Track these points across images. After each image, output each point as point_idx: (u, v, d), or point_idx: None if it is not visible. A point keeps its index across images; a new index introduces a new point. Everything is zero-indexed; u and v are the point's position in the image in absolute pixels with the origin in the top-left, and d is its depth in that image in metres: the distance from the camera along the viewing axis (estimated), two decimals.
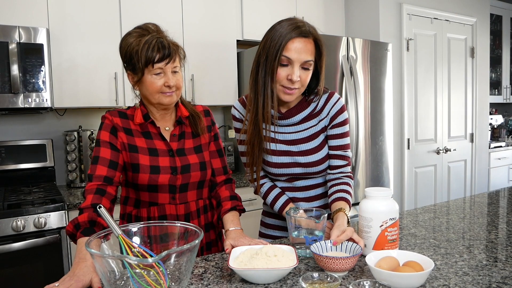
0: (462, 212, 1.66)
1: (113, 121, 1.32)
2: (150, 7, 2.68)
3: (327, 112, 1.40)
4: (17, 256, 2.03)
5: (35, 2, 2.36)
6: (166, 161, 1.33)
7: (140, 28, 1.30)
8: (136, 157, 1.30)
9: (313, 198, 1.44)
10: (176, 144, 1.37)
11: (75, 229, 1.15)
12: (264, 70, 1.28)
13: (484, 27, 4.12)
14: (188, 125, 1.41)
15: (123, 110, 1.36)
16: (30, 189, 2.51)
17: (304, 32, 1.25)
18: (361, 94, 2.93)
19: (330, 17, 3.53)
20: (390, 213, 1.12)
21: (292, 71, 1.26)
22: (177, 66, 1.30)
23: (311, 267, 1.09)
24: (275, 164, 1.39)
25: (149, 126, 1.35)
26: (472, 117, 4.11)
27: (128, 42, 1.27)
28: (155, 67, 1.25)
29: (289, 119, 1.39)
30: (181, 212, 1.36)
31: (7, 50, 2.20)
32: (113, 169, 1.28)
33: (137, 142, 1.32)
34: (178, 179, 1.33)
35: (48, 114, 2.79)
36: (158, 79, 1.27)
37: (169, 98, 1.30)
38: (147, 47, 1.23)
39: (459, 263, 1.09)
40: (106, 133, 1.31)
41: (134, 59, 1.25)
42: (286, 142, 1.39)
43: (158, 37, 1.27)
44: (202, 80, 2.90)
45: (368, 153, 3.02)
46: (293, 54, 1.24)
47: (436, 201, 3.84)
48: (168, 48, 1.26)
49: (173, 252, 0.84)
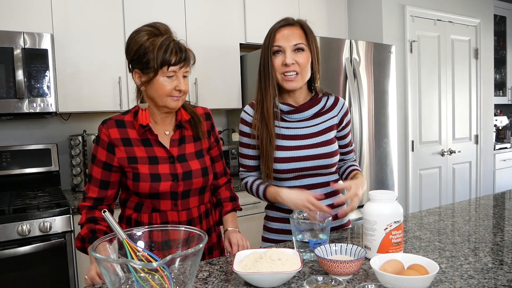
0: (467, 214, 1.65)
1: (110, 136, 1.30)
2: (154, 12, 2.70)
3: (337, 111, 1.50)
4: (22, 260, 2.04)
5: (39, 8, 2.38)
6: (166, 168, 1.31)
7: (150, 26, 1.29)
8: (136, 167, 1.29)
9: (326, 196, 1.46)
10: (176, 149, 1.35)
11: (82, 242, 1.28)
12: (263, 65, 1.40)
13: (488, 28, 4.11)
14: (188, 128, 1.39)
15: (120, 117, 1.34)
16: (35, 193, 2.52)
17: (290, 21, 1.40)
18: (365, 97, 2.92)
19: (333, 20, 3.53)
20: (394, 216, 1.12)
21: (285, 56, 1.36)
22: (188, 71, 1.30)
23: (315, 271, 1.09)
24: (283, 159, 1.41)
25: (148, 132, 1.33)
26: (476, 119, 4.09)
27: (140, 41, 1.25)
28: (169, 69, 1.24)
29: (302, 113, 1.44)
30: (184, 219, 1.34)
31: (12, 55, 2.22)
32: (104, 189, 1.33)
33: (136, 152, 1.30)
34: (179, 185, 1.32)
35: (53, 119, 2.81)
36: (169, 82, 1.26)
37: (176, 103, 1.30)
38: (165, 49, 1.23)
39: (465, 266, 1.08)
40: (103, 151, 1.30)
41: (147, 58, 1.24)
42: (296, 136, 1.43)
43: (174, 39, 1.28)
44: (206, 84, 2.91)
45: (372, 156, 3.01)
46: (281, 42, 1.36)
47: (441, 203, 3.82)
48: (185, 52, 1.27)
49: (178, 256, 0.84)
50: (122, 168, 1.31)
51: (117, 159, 1.30)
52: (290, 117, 1.45)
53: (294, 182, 1.44)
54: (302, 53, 1.36)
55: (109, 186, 1.33)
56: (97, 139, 1.32)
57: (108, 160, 1.30)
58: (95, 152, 1.32)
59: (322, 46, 2.74)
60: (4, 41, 2.20)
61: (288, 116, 1.45)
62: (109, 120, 1.32)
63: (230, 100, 3.04)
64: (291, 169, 1.41)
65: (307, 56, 1.37)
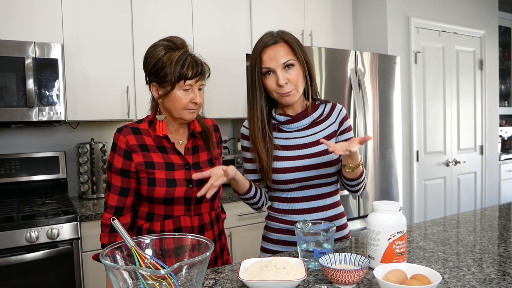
0: (471, 225, 1.66)
1: (128, 142, 1.32)
2: (161, 23, 2.75)
3: (335, 118, 1.47)
4: (30, 266, 2.06)
5: (50, 19, 2.44)
6: (182, 174, 1.35)
7: (167, 41, 1.32)
8: (152, 172, 1.32)
9: (325, 208, 1.45)
10: (191, 157, 1.40)
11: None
12: (251, 86, 1.40)
13: (492, 39, 4.13)
14: (199, 138, 1.44)
15: (135, 125, 1.37)
16: (43, 200, 2.55)
17: (272, 39, 1.35)
18: (370, 107, 2.94)
19: (338, 31, 3.56)
20: (397, 226, 1.13)
21: (277, 77, 1.34)
22: (203, 84, 1.35)
23: (319, 280, 1.11)
24: (282, 170, 1.40)
25: (164, 140, 1.37)
26: (481, 129, 4.10)
27: (157, 55, 1.29)
28: (186, 83, 1.28)
29: (299, 122, 1.43)
30: (196, 224, 1.38)
31: (23, 65, 2.26)
32: (124, 196, 1.34)
33: (154, 158, 1.34)
34: (194, 191, 1.35)
35: (61, 127, 2.85)
36: (185, 95, 1.30)
37: (192, 115, 1.34)
38: (182, 63, 1.27)
39: (467, 277, 1.09)
40: (119, 158, 1.32)
41: (164, 72, 1.27)
42: (295, 146, 1.43)
43: (191, 54, 1.32)
44: (212, 93, 2.94)
45: (377, 166, 3.02)
46: (269, 63, 1.34)
47: (446, 213, 3.81)
48: (201, 66, 1.32)
49: (185, 264, 0.86)
50: (137, 173, 1.34)
51: (135, 164, 1.32)
52: (288, 127, 1.45)
53: (296, 193, 1.44)
54: (292, 68, 1.35)
55: (129, 193, 1.35)
56: (114, 146, 1.34)
57: (125, 167, 1.32)
58: (112, 159, 1.34)
59: (327, 57, 2.77)
60: (15, 51, 2.25)
61: (286, 126, 1.45)
62: (125, 128, 1.35)
63: (236, 109, 3.07)
64: (292, 179, 1.41)
65: (298, 69, 1.36)
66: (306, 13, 3.35)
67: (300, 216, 1.43)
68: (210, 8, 2.94)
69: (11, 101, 2.25)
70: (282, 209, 1.47)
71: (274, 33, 1.37)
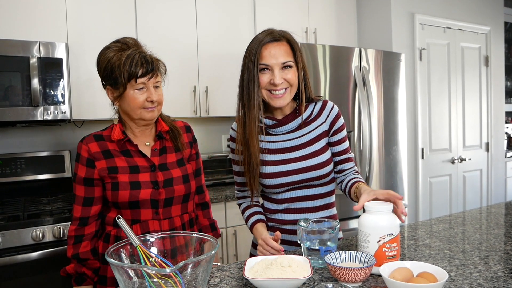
0: (477, 222, 1.65)
1: (89, 150, 1.30)
2: (165, 22, 2.74)
3: (325, 118, 1.40)
4: (36, 265, 2.07)
5: (54, 18, 2.44)
6: (147, 176, 1.31)
7: (118, 42, 1.31)
8: (115, 176, 1.29)
9: (317, 209, 1.41)
10: (158, 159, 1.36)
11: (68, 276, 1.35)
12: (247, 81, 1.32)
13: (498, 36, 4.10)
14: (168, 139, 1.41)
15: (99, 133, 1.35)
16: (48, 199, 2.56)
17: (275, 36, 1.31)
18: (374, 104, 2.93)
19: (343, 28, 3.55)
20: (388, 228, 1.08)
21: (273, 75, 1.29)
22: (159, 81, 1.31)
23: (325, 278, 1.10)
24: (270, 175, 1.37)
25: (127, 144, 1.34)
26: (487, 126, 4.07)
27: (108, 57, 1.27)
28: (138, 82, 1.25)
29: (286, 126, 1.38)
30: (165, 228, 1.33)
31: (28, 64, 2.27)
32: (88, 206, 1.31)
33: (117, 162, 1.31)
34: (160, 193, 1.31)
35: (66, 126, 2.86)
36: (140, 94, 1.27)
37: (151, 114, 1.30)
38: (130, 62, 1.23)
39: (474, 275, 1.09)
40: (83, 167, 1.30)
41: (115, 74, 1.25)
42: (283, 150, 1.38)
43: (140, 51, 1.28)
44: (216, 92, 2.94)
45: (382, 163, 3.01)
46: (269, 60, 1.29)
47: (452, 211, 3.79)
48: (152, 63, 1.27)
49: (190, 262, 0.86)
50: (102, 180, 1.31)
51: (98, 171, 1.30)
52: (275, 131, 1.40)
53: (287, 194, 1.40)
54: (290, 69, 1.31)
55: (93, 202, 1.32)
56: (77, 157, 1.32)
57: (88, 175, 1.30)
58: (76, 170, 1.32)
59: (332, 54, 2.76)
60: (20, 50, 2.26)
61: (273, 130, 1.40)
62: (87, 136, 1.34)
63: None
64: (279, 184, 1.37)
65: (295, 71, 1.32)
66: (310, 10, 3.34)
67: (290, 215, 1.40)
68: (213, 7, 2.93)
69: (16, 101, 2.26)
70: (272, 209, 1.44)
71: (276, 31, 1.34)
